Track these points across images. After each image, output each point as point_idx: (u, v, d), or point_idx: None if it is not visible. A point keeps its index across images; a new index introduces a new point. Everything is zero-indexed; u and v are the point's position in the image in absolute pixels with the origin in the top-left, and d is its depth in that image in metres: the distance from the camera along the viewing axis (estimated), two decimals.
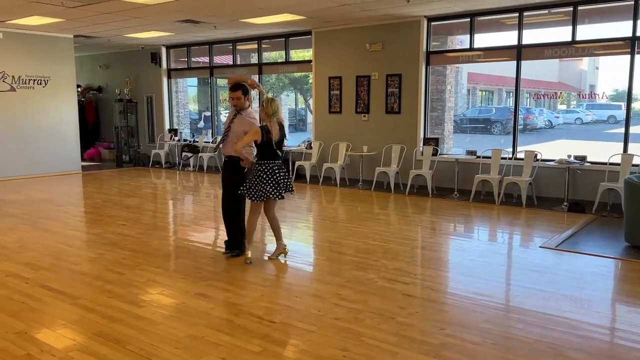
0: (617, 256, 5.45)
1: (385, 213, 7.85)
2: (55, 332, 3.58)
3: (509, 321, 3.81)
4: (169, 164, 13.28)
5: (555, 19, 8.68)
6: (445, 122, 10.41)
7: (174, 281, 4.64)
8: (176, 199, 9.37)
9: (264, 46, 12.07)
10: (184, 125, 14.16)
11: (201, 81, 18.89)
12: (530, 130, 22.81)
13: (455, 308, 4.07)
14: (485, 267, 5.09)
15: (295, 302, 4.14)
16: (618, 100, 22.66)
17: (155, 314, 3.88)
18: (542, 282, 4.59)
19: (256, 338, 3.47)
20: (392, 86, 9.69)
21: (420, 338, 3.48)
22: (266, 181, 4.91)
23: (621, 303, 4.34)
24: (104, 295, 4.27)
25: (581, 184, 7.96)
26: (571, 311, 3.93)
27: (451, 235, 6.68)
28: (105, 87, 14.91)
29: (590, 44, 8.03)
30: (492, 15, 8.79)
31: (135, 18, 9.30)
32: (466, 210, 7.85)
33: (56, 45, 11.48)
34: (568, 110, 28.63)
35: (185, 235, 6.43)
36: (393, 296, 4.24)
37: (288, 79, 24.56)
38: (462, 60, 9.44)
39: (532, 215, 7.41)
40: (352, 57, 10.10)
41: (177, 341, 3.42)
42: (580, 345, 3.38)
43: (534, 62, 9.31)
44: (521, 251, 6.00)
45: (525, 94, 26.73)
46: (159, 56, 13.36)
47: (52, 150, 11.60)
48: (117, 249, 5.66)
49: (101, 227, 6.75)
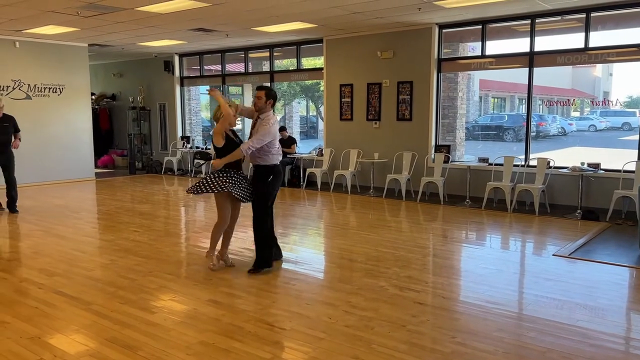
0: (631, 264, 5.38)
1: (397, 220, 7.83)
2: (68, 338, 3.62)
3: (521, 330, 3.78)
4: (182, 171, 13.37)
5: (568, 26, 8.63)
6: (457, 129, 10.39)
7: (186, 287, 4.67)
8: (188, 205, 9.42)
9: (275, 54, 12.14)
10: (196, 132, 14.26)
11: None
12: (543, 138, 22.66)
13: (467, 316, 4.04)
14: (497, 275, 5.05)
15: (306, 309, 4.13)
16: (632, 107, 22.44)
17: (166, 320, 3.90)
18: (555, 291, 4.54)
19: (267, 345, 3.48)
20: (403, 93, 9.69)
21: (431, 346, 3.46)
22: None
23: (636, 312, 4.28)
24: (116, 301, 4.30)
25: (595, 191, 7.88)
26: (584, 320, 3.89)
27: (463, 243, 6.64)
28: (119, 94, 15.07)
29: (604, 51, 7.97)
30: (503, 22, 8.77)
31: (148, 27, 9.41)
32: (478, 217, 7.80)
33: (71, 54, 11.65)
34: (581, 117, 28.42)
35: (196, 242, 6.46)
36: (404, 304, 4.22)
37: (299, 86, 24.66)
38: (474, 67, 9.43)
39: (545, 223, 7.35)
40: (363, 65, 10.13)
41: (188, 347, 3.44)
42: (594, 354, 3.34)
43: (547, 69, 9.26)
44: (534, 259, 5.95)
45: (537, 101, 26.60)
46: (172, 64, 13.50)
47: (67, 158, 11.73)
48: (130, 255, 5.70)
49: (114, 233, 6.80)
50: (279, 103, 23.25)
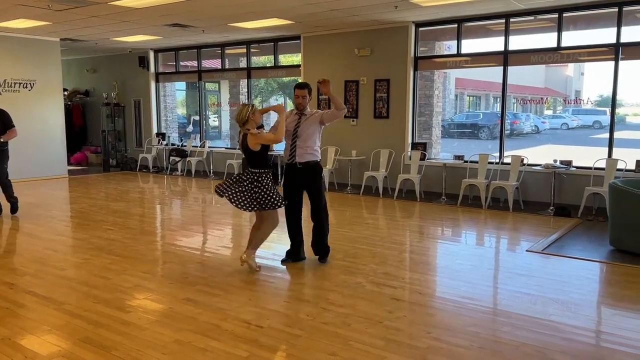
0: (602, 260, 5.51)
1: (374, 217, 7.87)
2: (39, 338, 3.54)
3: (495, 325, 3.84)
4: (157, 169, 13.21)
5: (541, 26, 8.77)
6: (433, 127, 10.47)
7: (161, 286, 4.61)
8: (164, 203, 9.32)
9: (252, 50, 12.07)
10: (172, 129, 14.10)
11: (189, 85, 18.84)
12: (517, 135, 23.01)
13: (443, 312, 4.09)
14: (472, 271, 5.12)
15: (284, 307, 4.13)
16: (603, 106, 22.96)
17: (141, 319, 3.85)
18: (528, 286, 4.62)
19: (244, 343, 3.46)
20: (380, 91, 9.73)
21: (407, 342, 3.49)
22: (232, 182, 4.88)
23: (606, 306, 4.38)
24: (89, 301, 4.22)
25: (567, 188, 8.04)
26: (557, 314, 3.96)
27: (439, 239, 6.71)
28: (93, 90, 14.81)
29: (576, 50, 8.13)
30: (478, 21, 8.87)
31: (123, 22, 9.26)
32: (454, 214, 7.89)
33: (42, 49, 11.39)
34: (554, 116, 28.94)
35: (172, 240, 6.40)
36: (381, 300, 4.25)
37: (277, 83, 24.58)
38: (450, 66, 9.51)
39: (518, 219, 7.47)
40: (340, 62, 10.14)
41: (164, 346, 3.40)
42: (566, 348, 3.41)
43: (521, 67, 9.40)
44: (508, 255, 6.05)
45: (512, 100, 26.97)
46: (147, 60, 13.31)
47: (38, 155, 11.47)
48: (104, 254, 5.61)
49: (87, 231, 6.68)
50: (256, 100, 23.15)
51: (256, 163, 4.79)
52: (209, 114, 22.02)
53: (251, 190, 4.73)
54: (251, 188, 4.73)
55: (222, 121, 21.82)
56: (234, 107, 14.43)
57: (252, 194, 4.72)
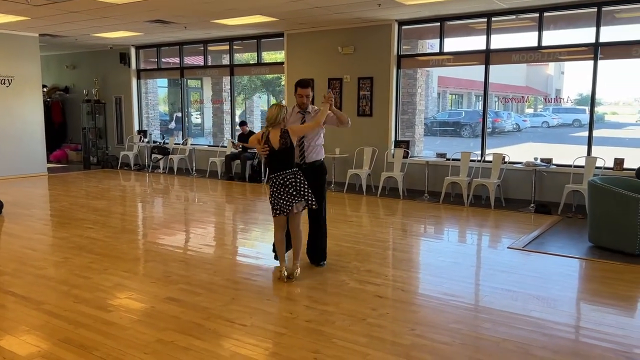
0: (581, 256, 5.59)
1: (357, 215, 7.88)
2: (18, 339, 3.48)
3: (477, 321, 3.87)
4: (138, 166, 13.07)
5: (523, 25, 8.87)
6: (416, 125, 10.53)
7: (143, 285, 4.57)
8: (145, 201, 9.22)
9: (235, 47, 12.01)
10: (153, 126, 13.96)
11: (172, 82, 18.68)
12: (499, 134, 23.25)
13: (426, 309, 4.12)
14: (454, 268, 5.16)
15: (267, 305, 4.12)
16: (582, 105, 23.32)
17: (123, 319, 3.80)
18: (509, 282, 4.68)
19: (227, 342, 3.44)
20: (364, 89, 9.75)
21: (391, 339, 3.50)
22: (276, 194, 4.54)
23: (585, 302, 4.45)
24: (69, 300, 4.17)
25: (547, 186, 8.15)
26: (537, 310, 4.02)
27: (422, 236, 6.75)
28: (73, 87, 14.60)
29: (556, 50, 8.23)
30: (461, 20, 8.94)
31: (103, 17, 9.13)
32: (436, 211, 7.95)
33: (20, 44, 11.19)
34: (535, 114, 29.32)
35: (154, 238, 6.34)
36: (364, 298, 4.26)
37: (260, 80, 24.48)
38: (432, 64, 9.56)
39: (500, 217, 7.55)
40: (324, 60, 10.13)
41: (146, 346, 3.37)
42: (547, 343, 3.46)
43: (502, 66, 9.48)
44: (489, 252, 6.11)
45: (493, 98, 27.24)
46: (128, 56, 13.16)
47: (17, 152, 11.28)
48: (84, 253, 5.53)
49: (68, 230, 6.59)
50: (239, 97, 23.03)
51: (292, 161, 4.59)
52: (192, 111, 21.87)
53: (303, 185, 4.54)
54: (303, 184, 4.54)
55: (204, 118, 21.67)
56: (216, 104, 14.34)
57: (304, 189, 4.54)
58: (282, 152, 4.53)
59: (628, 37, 7.70)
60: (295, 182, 4.52)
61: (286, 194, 4.51)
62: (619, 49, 7.75)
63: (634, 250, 5.41)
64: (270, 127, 4.57)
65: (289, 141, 4.54)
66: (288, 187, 4.51)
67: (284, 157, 4.55)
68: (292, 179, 4.52)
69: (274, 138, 4.53)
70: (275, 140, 4.53)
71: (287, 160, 4.57)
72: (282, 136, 4.53)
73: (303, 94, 4.89)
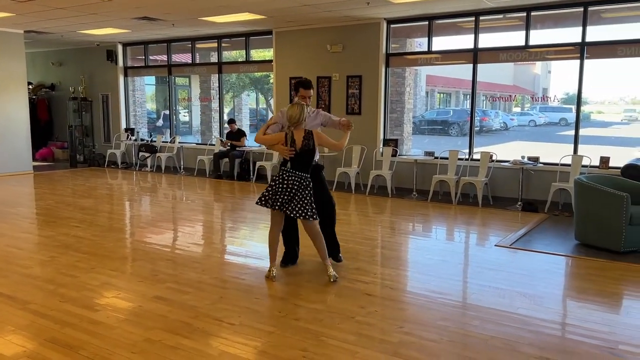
0: (567, 254, 5.65)
1: (346, 213, 7.89)
2: (3, 339, 3.44)
3: (465, 318, 3.89)
4: (126, 164, 12.97)
5: (510, 24, 8.93)
6: (405, 123, 10.56)
7: (131, 284, 4.54)
8: (133, 200, 9.16)
9: (224, 45, 11.95)
10: (141, 124, 13.86)
11: (159, 80, 18.56)
12: (486, 132, 23.40)
13: (414, 306, 4.13)
14: (442, 266, 5.18)
15: (255, 304, 4.11)
16: (569, 103, 23.55)
17: (110, 318, 3.77)
18: (497, 280, 4.71)
19: (215, 341, 3.43)
20: (352, 87, 9.75)
21: (379, 337, 3.51)
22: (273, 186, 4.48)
23: (571, 299, 4.50)
24: (56, 300, 4.13)
25: (534, 184, 8.22)
26: (524, 307, 4.05)
27: (410, 234, 6.78)
28: (59, 84, 14.45)
29: (543, 49, 8.30)
30: (449, 18, 8.97)
31: (90, 14, 9.04)
32: (424, 210, 7.98)
33: (5, 41, 11.04)
34: (522, 113, 29.55)
35: (142, 237, 6.29)
36: (353, 295, 4.27)
37: (249, 78, 24.39)
38: (421, 63, 9.59)
39: (487, 215, 7.60)
40: (312, 58, 10.12)
41: (133, 345, 3.34)
42: (533, 340, 3.49)
43: (490, 65, 9.55)
44: (477, 250, 6.15)
45: (481, 97, 27.44)
46: (115, 54, 13.05)
47: (2, 150, 11.14)
48: (71, 252, 5.48)
49: (54, 229, 6.52)
50: (228, 95, 22.93)
51: (308, 166, 4.50)
52: (180, 109, 21.75)
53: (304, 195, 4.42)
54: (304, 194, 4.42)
55: (192, 116, 21.56)
56: (204, 102, 14.27)
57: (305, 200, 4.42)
58: (305, 153, 4.44)
59: (613, 36, 7.79)
60: (298, 188, 4.39)
61: (281, 192, 4.41)
62: (604, 48, 7.83)
63: (619, 248, 5.48)
64: (292, 127, 4.43)
65: (312, 143, 4.46)
66: (288, 187, 4.39)
67: (303, 159, 4.45)
68: (298, 183, 4.40)
69: (297, 138, 4.42)
70: (300, 140, 4.42)
71: (306, 162, 4.47)
72: (305, 137, 4.44)
73: (305, 95, 4.78)
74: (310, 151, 4.47)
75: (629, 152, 13.26)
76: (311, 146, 4.46)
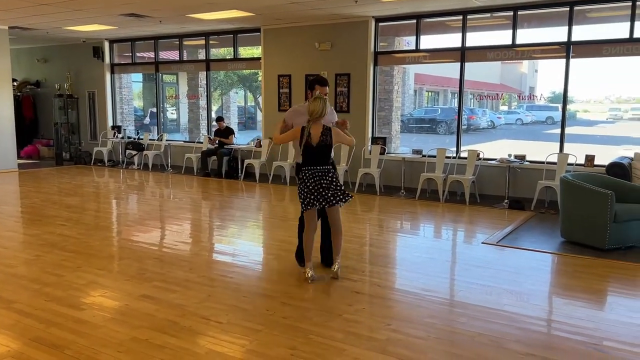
0: (553, 251, 5.70)
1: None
2: None
3: (452, 315, 3.92)
4: (112, 162, 12.87)
5: (497, 23, 8.99)
6: (393, 121, 10.58)
7: (117, 283, 4.50)
8: (120, 198, 9.09)
9: (211, 42, 11.89)
10: (128, 122, 13.75)
11: (146, 77, 18.43)
12: (474, 130, 23.55)
13: (401, 304, 4.15)
14: (430, 264, 5.21)
15: (243, 302, 4.09)
16: (555, 102, 23.77)
17: (96, 317, 3.74)
18: (484, 277, 4.74)
19: (203, 339, 3.42)
20: (341, 85, 9.75)
21: (367, 334, 3.52)
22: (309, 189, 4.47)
23: (557, 296, 4.54)
24: (41, 299, 4.08)
25: (521, 182, 8.28)
26: (511, 304, 4.08)
27: (398, 232, 6.80)
28: (44, 81, 14.28)
29: (529, 48, 8.36)
30: (437, 17, 9.00)
31: (76, 10, 8.94)
32: (412, 208, 8.01)
33: None
34: (509, 111, 29.79)
35: (129, 235, 6.25)
36: (341, 293, 4.27)
37: (237, 76, 24.31)
38: (409, 61, 9.62)
39: (474, 213, 7.65)
40: (301, 56, 10.10)
41: (120, 344, 3.32)
42: (520, 337, 3.52)
43: (477, 64, 9.60)
44: (464, 247, 6.18)
45: (469, 95, 27.61)
46: (102, 50, 12.93)
47: None
48: (57, 250, 5.43)
49: (39, 227, 6.45)
50: (216, 93, 22.83)
51: (328, 158, 4.53)
52: (167, 107, 21.61)
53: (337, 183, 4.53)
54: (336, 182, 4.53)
55: (180, 114, 21.43)
56: (192, 100, 14.20)
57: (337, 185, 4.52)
58: (321, 148, 4.45)
59: (598, 36, 7.87)
60: (327, 178, 4.47)
61: (316, 188, 4.44)
62: (590, 47, 7.90)
63: (603, 245, 5.54)
64: (312, 121, 4.44)
65: (329, 139, 4.46)
66: (319, 180, 4.45)
67: (321, 153, 4.47)
68: (324, 174, 4.47)
69: (315, 132, 4.43)
70: (317, 135, 4.42)
71: (324, 156, 4.49)
72: (323, 133, 4.44)
73: (322, 92, 4.78)
74: (328, 147, 4.48)
75: (614, 150, 13.42)
76: (328, 142, 4.47)
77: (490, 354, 3.26)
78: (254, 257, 5.53)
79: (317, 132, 4.44)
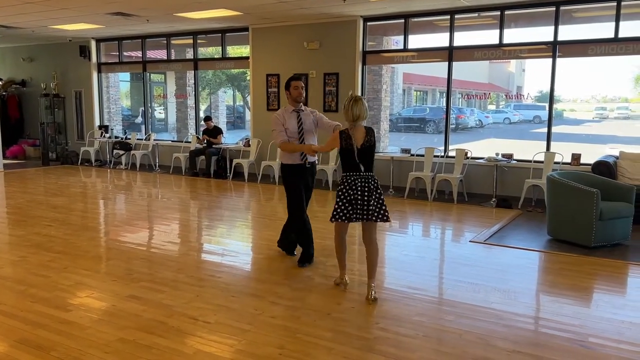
0: (540, 249, 5.75)
1: (323, 210, 7.89)
2: None
3: (440, 314, 3.94)
4: (100, 162, 12.76)
5: (485, 22, 9.04)
6: (381, 121, 10.61)
7: (104, 283, 4.47)
8: (107, 198, 9.01)
9: (199, 41, 11.83)
10: (115, 121, 13.65)
11: (134, 76, 18.29)
12: (462, 130, 23.68)
13: (390, 302, 4.16)
14: (418, 262, 5.23)
15: (232, 302, 4.08)
16: (542, 101, 23.97)
17: (83, 318, 3.71)
18: (471, 275, 4.77)
19: (190, 339, 3.40)
20: (329, 85, 9.76)
21: (355, 333, 3.52)
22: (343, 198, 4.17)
23: (544, 293, 4.58)
24: (27, 300, 4.04)
25: (508, 180, 8.34)
26: (498, 302, 4.11)
27: (386, 231, 6.81)
28: (30, 81, 14.13)
29: (516, 47, 8.41)
30: (425, 17, 9.04)
31: (62, 9, 8.85)
32: (401, 206, 8.04)
33: None
34: (497, 110, 29.98)
35: (116, 236, 6.20)
36: (330, 292, 4.27)
37: (225, 75, 24.21)
38: (397, 61, 9.65)
39: (462, 211, 7.69)
40: (289, 55, 10.09)
41: (106, 345, 3.29)
42: (507, 334, 3.54)
43: (465, 63, 9.65)
44: (452, 246, 6.21)
45: (457, 95, 27.74)
46: (88, 49, 12.81)
47: None
48: (43, 251, 5.37)
49: (25, 228, 6.38)
50: (204, 92, 22.72)
51: (371, 164, 4.22)
52: (155, 106, 21.47)
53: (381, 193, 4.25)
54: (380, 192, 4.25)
55: (168, 113, 21.31)
56: (180, 99, 14.12)
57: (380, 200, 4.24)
58: (367, 149, 4.14)
59: (584, 36, 7.94)
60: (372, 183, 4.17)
61: (352, 202, 4.14)
62: (576, 47, 7.97)
63: (589, 243, 5.60)
64: (353, 125, 4.16)
65: (374, 140, 4.19)
66: (358, 193, 4.12)
67: (365, 156, 4.15)
68: (368, 185, 4.15)
69: (358, 135, 4.14)
70: (360, 137, 4.14)
71: (369, 160, 4.19)
72: (367, 133, 4.16)
73: (298, 85, 4.88)
74: (372, 147, 4.19)
75: (600, 149, 13.56)
76: (372, 142, 4.18)
77: (478, 352, 3.28)
78: (242, 257, 5.52)
79: (360, 134, 4.15)
